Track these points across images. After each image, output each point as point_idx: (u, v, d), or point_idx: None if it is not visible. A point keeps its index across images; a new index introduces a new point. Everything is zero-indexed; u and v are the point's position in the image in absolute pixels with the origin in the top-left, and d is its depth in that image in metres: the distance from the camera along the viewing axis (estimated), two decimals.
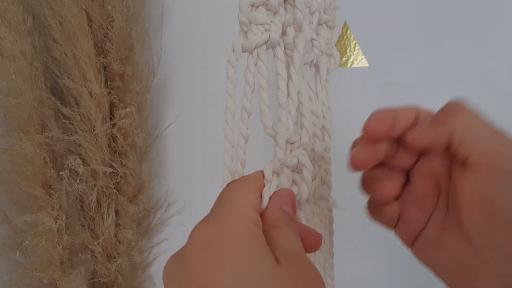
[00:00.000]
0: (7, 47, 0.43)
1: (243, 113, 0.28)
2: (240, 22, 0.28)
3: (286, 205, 0.25)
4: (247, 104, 0.28)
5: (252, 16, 0.28)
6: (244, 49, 0.28)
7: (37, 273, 0.45)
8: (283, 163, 0.27)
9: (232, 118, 0.28)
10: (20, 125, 0.45)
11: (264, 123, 0.28)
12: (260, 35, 0.28)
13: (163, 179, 0.57)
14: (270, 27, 0.28)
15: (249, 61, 0.28)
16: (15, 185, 0.45)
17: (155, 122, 0.56)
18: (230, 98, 0.28)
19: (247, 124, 0.28)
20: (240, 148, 0.28)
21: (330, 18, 0.33)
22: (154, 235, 0.56)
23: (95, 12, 0.46)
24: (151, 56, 0.54)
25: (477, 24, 0.48)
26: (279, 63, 0.28)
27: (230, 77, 0.28)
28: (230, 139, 0.28)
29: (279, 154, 0.27)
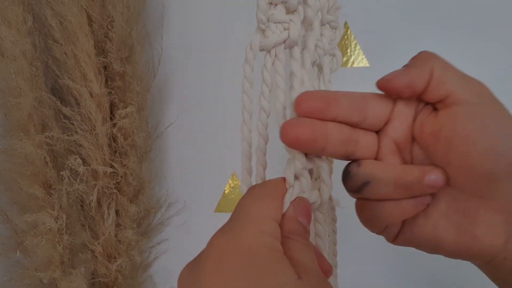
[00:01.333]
0: (7, 47, 0.43)
1: (262, 113, 0.27)
2: (258, 20, 0.27)
3: (302, 216, 0.25)
4: (265, 104, 0.27)
5: (270, 14, 0.27)
6: (261, 47, 0.27)
7: (37, 273, 0.45)
8: (304, 165, 0.26)
9: (249, 118, 0.27)
10: (20, 125, 0.44)
11: (278, 123, 0.27)
12: (278, 34, 0.27)
13: (164, 179, 0.57)
14: (289, 26, 0.27)
15: (267, 60, 0.28)
16: (15, 185, 0.45)
17: (155, 122, 0.56)
18: (247, 98, 0.27)
19: (266, 124, 0.27)
20: (261, 150, 0.27)
21: (333, 19, 0.32)
22: (155, 235, 0.56)
23: (96, 12, 0.46)
24: (151, 56, 0.54)
25: (478, 24, 0.48)
26: (296, 64, 0.27)
27: (247, 76, 0.27)
28: (248, 140, 0.27)
29: (299, 156, 0.26)
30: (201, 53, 0.55)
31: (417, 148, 0.26)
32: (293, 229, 0.24)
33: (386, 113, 0.27)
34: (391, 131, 0.26)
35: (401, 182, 0.24)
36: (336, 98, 0.25)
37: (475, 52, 0.48)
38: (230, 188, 0.55)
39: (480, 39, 0.48)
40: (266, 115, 0.27)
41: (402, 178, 0.24)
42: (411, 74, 0.25)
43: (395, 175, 0.24)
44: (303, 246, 0.23)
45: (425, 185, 0.23)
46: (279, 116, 0.27)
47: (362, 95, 0.27)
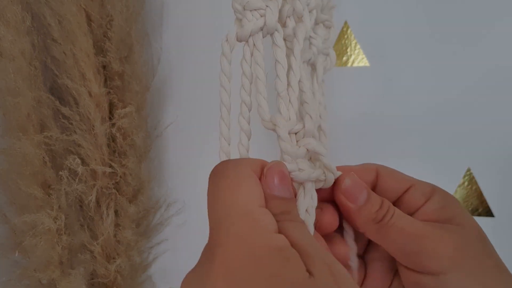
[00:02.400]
0: (6, 47, 0.43)
1: (243, 107, 0.26)
2: (234, 9, 0.27)
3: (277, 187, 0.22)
4: (247, 98, 0.26)
5: (246, 2, 0.26)
6: (238, 38, 0.27)
7: (36, 273, 0.45)
8: (292, 156, 0.25)
9: (227, 113, 0.26)
10: (19, 124, 0.44)
11: (262, 116, 0.26)
12: (254, 21, 0.26)
13: (163, 179, 0.57)
14: (265, 12, 0.26)
15: (245, 50, 0.27)
16: (14, 185, 0.45)
17: (154, 122, 0.56)
18: (225, 92, 0.26)
19: (248, 119, 0.26)
20: (243, 146, 0.26)
21: (327, 18, 0.32)
22: (154, 235, 0.56)
23: (95, 11, 0.46)
24: (150, 55, 0.54)
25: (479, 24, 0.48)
26: (278, 50, 0.26)
27: (225, 70, 0.27)
28: (226, 136, 0.27)
29: (284, 147, 0.25)
30: (201, 53, 0.55)
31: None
32: (277, 208, 0.22)
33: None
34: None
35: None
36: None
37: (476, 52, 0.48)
38: None
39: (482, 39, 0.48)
40: (247, 108, 0.26)
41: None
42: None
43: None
44: (296, 226, 0.21)
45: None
46: (261, 107, 0.26)
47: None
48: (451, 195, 0.28)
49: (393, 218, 0.25)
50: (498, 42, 0.47)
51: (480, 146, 0.48)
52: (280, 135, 0.25)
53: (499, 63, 0.47)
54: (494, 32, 0.48)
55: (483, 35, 0.48)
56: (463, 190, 0.49)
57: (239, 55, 0.28)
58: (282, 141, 0.25)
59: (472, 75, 0.48)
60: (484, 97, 0.48)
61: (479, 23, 0.48)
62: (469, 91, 0.48)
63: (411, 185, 0.27)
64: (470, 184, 0.49)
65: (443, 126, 0.49)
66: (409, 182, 0.28)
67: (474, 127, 0.48)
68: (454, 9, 0.48)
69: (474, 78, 0.48)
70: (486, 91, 0.48)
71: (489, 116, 0.48)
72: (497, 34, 0.47)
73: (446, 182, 0.49)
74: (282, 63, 0.26)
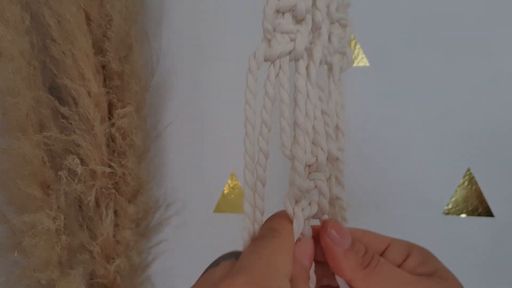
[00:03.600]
0: (5, 46, 0.43)
1: (263, 128, 0.26)
2: (264, 29, 0.26)
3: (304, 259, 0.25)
4: (267, 118, 0.26)
5: (277, 23, 0.26)
6: (266, 58, 0.26)
7: (35, 273, 0.45)
8: (302, 190, 0.25)
9: (252, 130, 0.26)
10: (18, 124, 0.44)
11: (284, 143, 0.26)
12: (284, 44, 0.26)
13: (162, 179, 0.57)
14: (296, 37, 0.26)
15: (270, 71, 0.26)
16: (13, 185, 0.45)
17: (154, 121, 0.56)
18: (250, 109, 0.26)
19: (267, 139, 0.26)
20: (260, 166, 0.26)
21: (342, 16, 0.31)
22: (153, 235, 0.56)
23: (94, 11, 0.46)
24: (150, 55, 0.54)
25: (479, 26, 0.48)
26: (300, 78, 0.26)
27: (251, 87, 0.26)
28: (250, 154, 0.26)
29: (298, 181, 0.25)
30: (200, 53, 0.55)
31: None
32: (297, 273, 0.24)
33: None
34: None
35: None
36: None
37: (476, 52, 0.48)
38: (229, 188, 0.55)
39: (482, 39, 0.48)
40: (267, 129, 0.26)
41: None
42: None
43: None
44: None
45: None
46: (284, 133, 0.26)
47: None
48: (427, 250, 0.28)
49: (379, 265, 0.26)
50: (499, 44, 0.47)
51: (480, 146, 0.48)
52: (296, 169, 0.25)
53: (500, 64, 0.47)
54: (495, 35, 0.47)
55: (484, 37, 0.48)
56: (463, 190, 0.49)
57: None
58: (297, 175, 0.25)
59: (471, 76, 0.48)
60: (484, 98, 0.48)
61: (480, 25, 0.48)
62: (469, 92, 0.48)
63: (388, 244, 0.28)
64: (470, 184, 0.49)
65: (443, 126, 0.49)
66: (385, 241, 0.28)
67: (474, 128, 0.48)
68: (455, 10, 0.48)
69: (474, 78, 0.48)
70: (486, 91, 0.48)
71: (489, 117, 0.48)
72: (498, 37, 0.47)
73: (446, 182, 0.49)
74: (302, 92, 0.26)
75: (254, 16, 0.54)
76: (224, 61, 0.54)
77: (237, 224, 0.55)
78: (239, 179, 0.55)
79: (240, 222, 0.58)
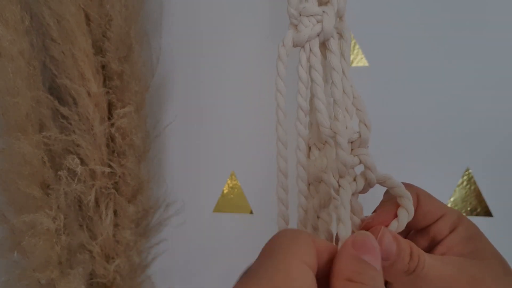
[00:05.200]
0: (5, 46, 0.43)
1: (299, 112, 0.26)
2: (290, 15, 0.26)
3: (365, 253, 0.21)
4: (303, 103, 0.26)
5: (302, 7, 0.26)
6: (295, 43, 0.26)
7: (35, 273, 0.45)
8: (347, 165, 0.24)
9: (284, 117, 0.26)
10: (18, 124, 0.44)
11: (322, 123, 0.25)
12: (311, 27, 0.26)
13: (162, 179, 0.57)
14: (322, 18, 0.26)
15: (301, 56, 0.26)
16: (13, 185, 0.45)
17: (154, 121, 0.56)
18: (281, 96, 0.26)
19: (305, 124, 0.26)
20: (300, 151, 0.26)
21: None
22: (153, 235, 0.56)
23: (94, 11, 0.46)
24: (150, 55, 0.54)
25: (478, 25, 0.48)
26: (333, 56, 0.26)
27: (281, 74, 0.26)
28: (283, 141, 0.26)
29: (342, 156, 0.24)
30: (200, 53, 0.55)
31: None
32: (357, 270, 0.21)
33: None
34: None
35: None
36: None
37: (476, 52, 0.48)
38: (229, 188, 0.55)
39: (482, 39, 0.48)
40: (304, 113, 0.26)
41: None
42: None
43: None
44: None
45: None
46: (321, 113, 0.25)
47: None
48: (476, 226, 0.27)
49: (425, 268, 0.24)
50: (498, 43, 0.47)
51: (479, 146, 0.49)
52: (340, 144, 0.25)
53: (499, 63, 0.48)
54: (494, 34, 0.48)
55: (482, 36, 0.48)
56: (462, 190, 0.49)
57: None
58: (341, 150, 0.25)
59: (471, 75, 0.48)
60: (483, 97, 0.48)
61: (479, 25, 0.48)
62: (468, 91, 0.48)
63: (443, 213, 0.27)
64: (469, 184, 0.49)
65: (442, 126, 0.49)
66: (442, 210, 0.27)
67: (473, 127, 0.48)
68: (453, 10, 0.48)
69: (473, 78, 0.48)
70: (485, 91, 0.48)
71: (488, 116, 0.48)
72: (497, 36, 0.48)
73: (445, 182, 0.49)
74: (337, 70, 0.26)
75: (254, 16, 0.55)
76: (224, 61, 0.54)
77: (237, 224, 0.55)
78: (239, 179, 0.55)
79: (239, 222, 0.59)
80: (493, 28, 0.47)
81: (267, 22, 0.53)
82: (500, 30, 0.47)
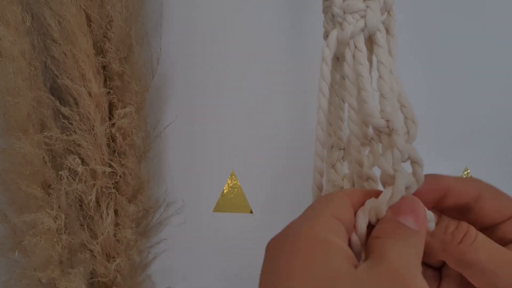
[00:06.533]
0: (6, 47, 0.43)
1: (350, 111, 0.26)
2: (335, 15, 0.26)
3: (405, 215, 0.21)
4: (353, 101, 0.26)
5: (346, 5, 0.26)
6: (339, 41, 0.26)
7: (36, 272, 0.45)
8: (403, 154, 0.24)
9: (324, 118, 0.26)
10: (19, 124, 0.44)
11: (370, 113, 0.24)
12: (355, 23, 0.25)
13: (162, 179, 0.57)
14: (366, 13, 0.26)
15: (347, 53, 0.26)
16: (14, 184, 0.45)
17: (154, 121, 0.56)
18: (323, 97, 0.25)
19: (356, 121, 0.26)
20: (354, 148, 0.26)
21: None
22: (153, 234, 0.56)
23: (94, 12, 0.46)
24: (150, 55, 0.54)
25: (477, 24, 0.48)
26: (380, 50, 0.26)
27: (324, 76, 0.25)
28: (321, 141, 0.26)
29: (399, 141, 0.23)
30: (200, 53, 0.55)
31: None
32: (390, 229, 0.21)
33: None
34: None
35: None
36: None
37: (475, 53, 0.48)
38: (229, 188, 0.55)
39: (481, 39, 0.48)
40: (354, 112, 0.26)
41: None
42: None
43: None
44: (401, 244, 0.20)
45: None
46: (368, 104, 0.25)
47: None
48: None
49: (476, 243, 0.22)
50: (498, 43, 0.48)
51: (478, 146, 0.49)
52: (397, 130, 0.24)
53: (499, 64, 0.48)
54: (494, 34, 0.48)
55: (482, 35, 0.48)
56: None
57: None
58: (398, 135, 0.24)
59: (469, 75, 0.48)
60: (483, 98, 0.48)
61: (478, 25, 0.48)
62: (467, 91, 0.49)
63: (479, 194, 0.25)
64: None
65: (441, 126, 0.49)
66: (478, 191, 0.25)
67: (472, 127, 0.49)
68: (453, 10, 0.48)
69: (472, 78, 0.48)
70: (485, 91, 0.48)
71: (487, 116, 0.48)
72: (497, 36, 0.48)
73: None
74: (385, 64, 0.26)
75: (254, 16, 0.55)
76: (224, 61, 0.54)
77: (237, 224, 0.55)
78: (239, 178, 0.55)
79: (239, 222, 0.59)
80: (492, 27, 0.48)
81: (267, 22, 0.53)
82: (500, 29, 0.48)
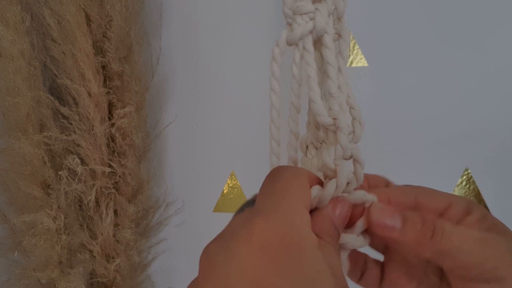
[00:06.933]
0: (5, 47, 0.43)
1: (292, 110, 0.26)
2: (285, 15, 0.27)
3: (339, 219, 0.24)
4: (295, 100, 0.26)
5: (296, 6, 0.26)
6: (289, 42, 0.27)
7: (35, 273, 0.45)
8: (345, 151, 0.24)
9: (278, 116, 0.26)
10: (18, 124, 0.44)
11: (317, 112, 0.25)
12: (304, 25, 0.26)
13: (162, 179, 0.57)
14: (315, 15, 0.26)
15: (295, 54, 0.27)
16: (13, 185, 0.45)
17: (154, 121, 0.56)
18: (275, 96, 0.26)
19: (297, 121, 0.27)
20: (292, 147, 0.27)
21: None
22: (153, 234, 0.56)
23: (94, 12, 0.46)
24: (150, 55, 0.54)
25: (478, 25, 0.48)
26: (328, 51, 0.26)
27: (275, 74, 0.26)
28: (276, 139, 0.26)
29: (343, 141, 0.24)
30: (200, 53, 0.55)
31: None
32: (326, 229, 0.23)
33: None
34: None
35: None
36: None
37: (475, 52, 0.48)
38: (229, 188, 0.55)
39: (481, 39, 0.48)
40: (296, 110, 0.26)
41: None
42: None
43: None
44: (333, 249, 0.22)
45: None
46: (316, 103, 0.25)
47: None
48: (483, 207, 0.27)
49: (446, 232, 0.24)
50: (498, 43, 0.48)
51: (478, 146, 0.49)
52: (341, 127, 0.24)
53: (498, 64, 0.48)
54: (494, 34, 0.48)
55: (482, 36, 0.48)
56: (461, 190, 0.49)
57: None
58: (342, 133, 0.24)
59: (469, 76, 0.48)
60: (483, 98, 0.48)
61: (478, 24, 0.48)
62: (467, 92, 0.49)
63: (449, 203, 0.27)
64: (468, 184, 0.49)
65: (442, 126, 0.49)
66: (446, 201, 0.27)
67: (473, 128, 0.49)
68: (454, 10, 0.48)
69: (472, 78, 0.48)
70: (484, 91, 0.48)
71: (488, 117, 0.48)
72: (497, 36, 0.48)
73: (444, 182, 0.50)
74: (333, 64, 0.26)
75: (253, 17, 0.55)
76: (224, 61, 0.54)
77: None
78: (239, 178, 0.55)
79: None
80: (491, 28, 0.48)
81: (266, 23, 0.53)
82: (501, 31, 0.47)
